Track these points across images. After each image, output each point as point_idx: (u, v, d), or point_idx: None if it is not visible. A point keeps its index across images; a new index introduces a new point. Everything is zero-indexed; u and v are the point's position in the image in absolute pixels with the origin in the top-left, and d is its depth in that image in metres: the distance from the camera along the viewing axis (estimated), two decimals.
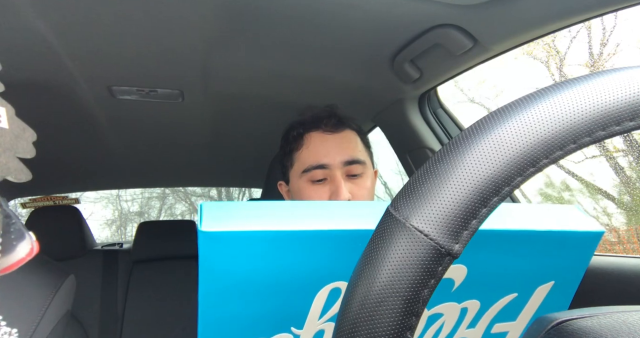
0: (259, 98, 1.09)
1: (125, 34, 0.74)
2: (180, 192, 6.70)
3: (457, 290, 0.33)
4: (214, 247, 0.27)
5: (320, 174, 0.66)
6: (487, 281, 0.33)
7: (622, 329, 0.20)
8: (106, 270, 1.58)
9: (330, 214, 0.30)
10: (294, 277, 0.29)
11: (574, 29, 2.95)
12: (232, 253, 0.27)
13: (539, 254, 0.33)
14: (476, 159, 0.18)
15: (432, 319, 0.34)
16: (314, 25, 0.75)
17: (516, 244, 0.32)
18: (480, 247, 0.30)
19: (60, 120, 1.12)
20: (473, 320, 0.35)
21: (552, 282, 0.35)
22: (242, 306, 0.29)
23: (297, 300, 0.30)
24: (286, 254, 0.28)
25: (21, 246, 0.18)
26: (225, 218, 0.27)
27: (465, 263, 0.31)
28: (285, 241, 0.28)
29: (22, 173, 0.19)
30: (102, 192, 6.02)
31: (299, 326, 0.32)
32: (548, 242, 0.33)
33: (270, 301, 0.30)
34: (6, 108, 0.19)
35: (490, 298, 0.35)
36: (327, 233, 0.28)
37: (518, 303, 0.36)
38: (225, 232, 0.26)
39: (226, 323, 0.30)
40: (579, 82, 0.19)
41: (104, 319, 1.48)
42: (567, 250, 0.34)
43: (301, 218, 0.28)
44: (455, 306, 0.34)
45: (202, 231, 0.26)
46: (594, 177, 2.93)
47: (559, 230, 0.32)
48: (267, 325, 0.31)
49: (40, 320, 0.73)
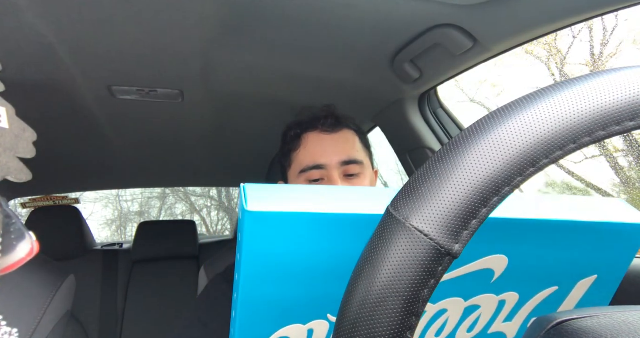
0: (259, 98, 1.09)
1: (125, 34, 0.74)
2: (180, 192, 6.70)
3: (496, 282, 0.32)
4: (260, 227, 0.26)
5: (317, 174, 0.66)
6: (528, 273, 0.32)
7: (622, 329, 0.20)
8: (106, 270, 1.58)
9: (372, 199, 0.29)
10: (334, 261, 0.29)
11: (575, 28, 2.95)
12: (277, 235, 0.27)
13: (583, 246, 0.32)
14: (476, 158, 0.18)
15: (469, 311, 0.33)
16: (314, 25, 0.75)
17: (560, 235, 0.31)
18: (524, 237, 0.30)
19: (60, 120, 1.12)
20: (510, 313, 0.34)
21: (595, 276, 0.34)
22: (281, 290, 0.29)
23: (336, 285, 0.30)
24: (328, 238, 0.28)
25: (21, 246, 0.18)
26: (269, 199, 0.27)
27: (507, 253, 0.31)
28: (328, 224, 0.27)
29: (22, 173, 0.19)
30: (102, 192, 6.02)
31: (335, 313, 0.31)
32: (593, 233, 0.32)
33: (308, 286, 0.29)
34: (6, 108, 0.19)
35: (530, 291, 0.34)
36: (369, 217, 0.28)
37: (558, 297, 0.35)
38: (271, 213, 0.26)
39: (264, 308, 0.29)
40: (579, 82, 0.19)
41: (104, 319, 1.48)
42: (612, 243, 0.33)
43: (343, 202, 0.28)
44: (493, 298, 0.33)
45: (249, 211, 0.26)
46: (594, 177, 2.93)
47: (604, 222, 0.31)
48: (305, 310, 0.30)
49: (41, 320, 0.73)
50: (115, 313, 1.50)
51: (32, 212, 1.57)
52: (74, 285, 0.87)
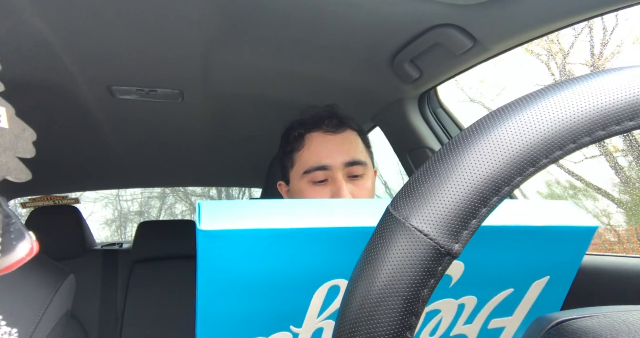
0: (259, 98, 1.09)
1: (125, 34, 0.74)
2: (180, 192, 6.70)
3: (454, 287, 0.33)
4: (213, 245, 0.26)
5: (321, 176, 0.65)
6: (484, 277, 0.33)
7: (622, 329, 0.20)
8: (106, 270, 1.58)
9: (329, 212, 0.29)
10: (293, 275, 0.29)
11: (576, 28, 2.95)
12: (231, 252, 0.27)
13: (535, 250, 0.33)
14: (476, 158, 0.18)
15: (430, 316, 0.34)
16: (314, 26, 0.75)
17: (512, 240, 0.32)
18: (478, 243, 0.31)
19: (60, 120, 1.12)
20: (470, 316, 0.35)
21: (548, 277, 0.36)
22: (241, 305, 0.29)
23: (297, 298, 0.30)
24: (285, 252, 0.28)
25: (21, 246, 0.18)
26: (223, 216, 0.27)
27: (462, 259, 0.32)
28: (284, 239, 0.28)
29: (22, 173, 0.19)
30: (102, 192, 6.02)
31: (298, 325, 0.32)
32: (543, 237, 0.33)
33: (269, 299, 0.30)
34: (6, 108, 0.19)
35: (487, 294, 0.35)
36: (326, 231, 0.28)
37: (514, 299, 0.36)
38: (223, 231, 0.26)
39: (225, 323, 0.30)
40: (579, 82, 0.19)
41: (104, 319, 1.48)
42: (562, 245, 0.34)
43: (300, 216, 0.28)
44: (452, 302, 0.34)
45: (201, 230, 0.26)
46: (594, 177, 2.93)
47: (554, 226, 0.33)
48: (267, 324, 0.31)
49: (41, 320, 0.73)
50: (115, 313, 1.50)
51: (32, 212, 1.57)
52: (74, 285, 0.87)
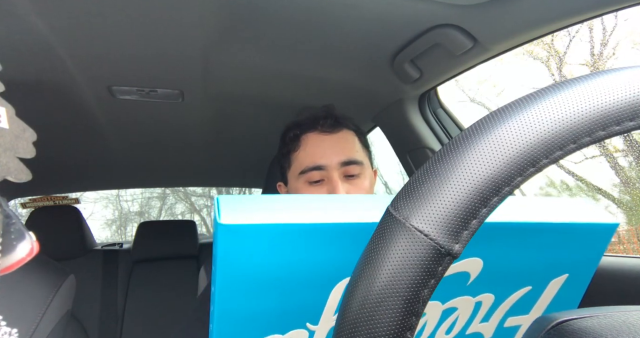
0: (259, 98, 1.09)
1: (125, 34, 0.74)
2: (180, 192, 6.70)
3: (472, 284, 0.32)
4: (233, 240, 0.26)
5: (317, 175, 0.65)
6: (503, 274, 0.33)
7: (622, 329, 0.20)
8: (106, 270, 1.58)
9: (349, 207, 0.29)
10: (311, 270, 0.29)
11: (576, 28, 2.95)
12: (251, 247, 0.26)
13: (554, 247, 0.33)
14: (476, 158, 0.18)
15: (447, 314, 0.34)
16: (314, 26, 0.75)
17: (531, 237, 0.32)
18: (497, 239, 0.30)
19: (60, 120, 1.12)
20: (487, 313, 0.35)
21: (566, 275, 0.35)
22: (258, 301, 0.29)
23: (314, 294, 0.30)
24: (305, 247, 0.28)
25: (21, 246, 0.18)
26: (243, 211, 0.26)
27: (481, 256, 0.31)
28: (305, 234, 0.27)
29: (22, 173, 0.19)
30: (102, 192, 6.02)
31: (315, 322, 0.31)
32: (563, 234, 0.33)
33: (287, 295, 0.29)
34: (6, 108, 0.19)
35: (505, 291, 0.34)
36: (346, 226, 0.28)
37: (532, 297, 0.35)
38: (244, 225, 0.26)
39: (242, 319, 0.29)
40: (579, 82, 0.19)
41: (104, 319, 1.49)
42: (582, 242, 0.34)
43: (320, 211, 0.28)
44: (469, 300, 0.34)
45: (221, 224, 0.25)
46: (594, 177, 2.93)
47: (574, 223, 0.32)
48: (283, 320, 0.30)
49: (41, 320, 0.73)
50: (115, 313, 1.50)
51: (32, 212, 1.57)
52: (74, 285, 0.87)
